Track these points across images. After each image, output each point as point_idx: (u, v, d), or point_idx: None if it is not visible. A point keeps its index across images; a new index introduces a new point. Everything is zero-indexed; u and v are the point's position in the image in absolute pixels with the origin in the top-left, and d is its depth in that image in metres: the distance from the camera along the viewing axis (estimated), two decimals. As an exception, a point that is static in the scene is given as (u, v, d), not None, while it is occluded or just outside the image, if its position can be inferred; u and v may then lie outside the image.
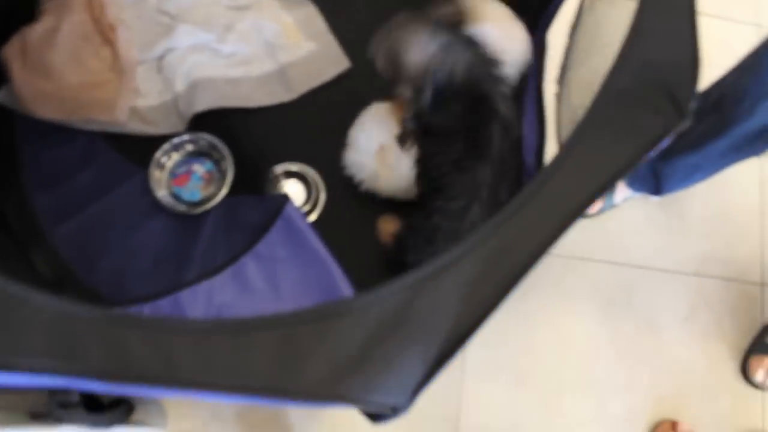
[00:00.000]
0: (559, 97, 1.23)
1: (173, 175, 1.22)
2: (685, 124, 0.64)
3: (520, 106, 1.30)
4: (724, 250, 1.47)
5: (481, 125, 1.08)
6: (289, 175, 1.25)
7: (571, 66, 1.17)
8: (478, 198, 1.04)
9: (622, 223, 1.44)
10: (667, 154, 1.27)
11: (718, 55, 1.06)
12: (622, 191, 1.42)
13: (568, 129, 1.12)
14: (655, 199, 1.45)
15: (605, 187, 0.58)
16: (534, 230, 0.56)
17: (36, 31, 1.31)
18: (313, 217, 1.23)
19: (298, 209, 1.19)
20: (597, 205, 1.40)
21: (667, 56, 0.68)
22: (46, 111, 1.25)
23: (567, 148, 0.59)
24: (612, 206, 1.43)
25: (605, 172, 0.59)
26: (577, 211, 0.57)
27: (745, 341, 1.41)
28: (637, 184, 1.39)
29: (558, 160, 0.59)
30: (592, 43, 1.08)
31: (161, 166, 1.21)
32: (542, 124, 1.25)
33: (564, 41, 1.22)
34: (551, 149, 1.22)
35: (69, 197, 1.20)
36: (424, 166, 1.14)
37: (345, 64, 1.36)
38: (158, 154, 1.20)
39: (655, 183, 1.35)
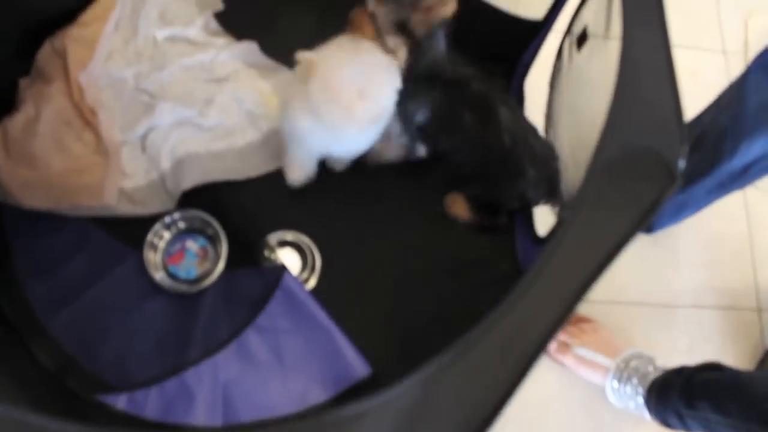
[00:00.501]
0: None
1: (167, 254, 1.24)
2: (677, 187, 0.66)
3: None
4: (718, 280, 1.50)
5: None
6: (284, 244, 1.26)
7: (557, 117, 1.20)
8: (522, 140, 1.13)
9: (616, 262, 1.46)
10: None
11: (689, 84, 1.09)
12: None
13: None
14: (646, 236, 1.48)
15: (608, 262, 0.60)
16: (542, 312, 0.58)
17: (17, 121, 1.34)
18: (311, 284, 1.25)
19: (295, 278, 1.21)
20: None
21: (652, 119, 0.72)
22: (34, 201, 1.27)
23: (564, 228, 0.61)
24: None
25: (606, 247, 0.61)
26: (584, 288, 0.59)
27: (750, 368, 1.43)
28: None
29: (556, 241, 0.61)
30: (577, 93, 1.12)
31: (154, 247, 1.23)
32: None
33: (544, 90, 1.25)
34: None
35: (64, 285, 1.21)
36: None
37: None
38: (150, 235, 1.22)
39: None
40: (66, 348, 1.17)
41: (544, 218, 1.27)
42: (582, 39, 1.07)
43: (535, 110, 1.31)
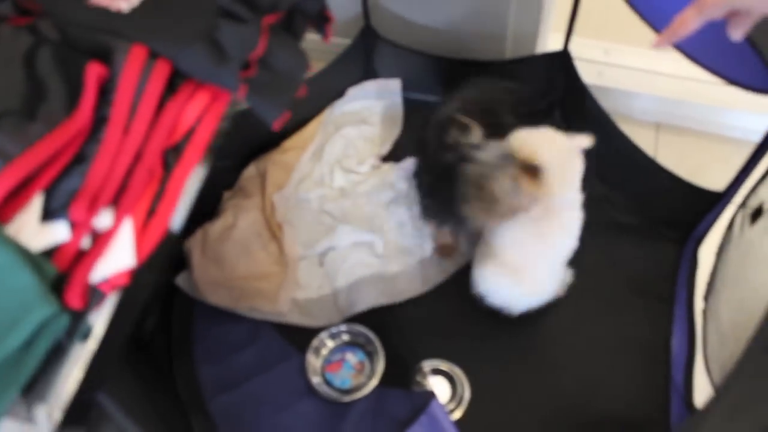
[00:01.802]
0: (706, 314, 1.29)
1: (327, 361, 1.38)
2: None
3: (670, 320, 1.36)
4: None
5: None
6: (436, 372, 1.34)
7: (720, 287, 1.24)
8: None
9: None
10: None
11: None
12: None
13: (715, 351, 1.17)
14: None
15: None
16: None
17: (216, 226, 1.57)
18: (457, 415, 1.31)
19: (442, 406, 1.28)
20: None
21: None
22: (216, 298, 1.47)
23: (717, 396, 0.65)
24: None
25: (761, 420, 0.65)
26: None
27: None
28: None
29: (709, 407, 0.65)
30: (742, 267, 1.15)
31: (317, 353, 1.37)
32: (692, 340, 1.29)
33: (712, 259, 1.29)
34: (699, 367, 1.26)
35: (231, 371, 1.39)
36: None
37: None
38: (315, 341, 1.37)
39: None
40: (221, 428, 1.32)
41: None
42: (757, 214, 1.13)
43: (704, 279, 1.34)
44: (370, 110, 1.79)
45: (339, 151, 1.71)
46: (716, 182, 1.31)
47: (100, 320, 0.62)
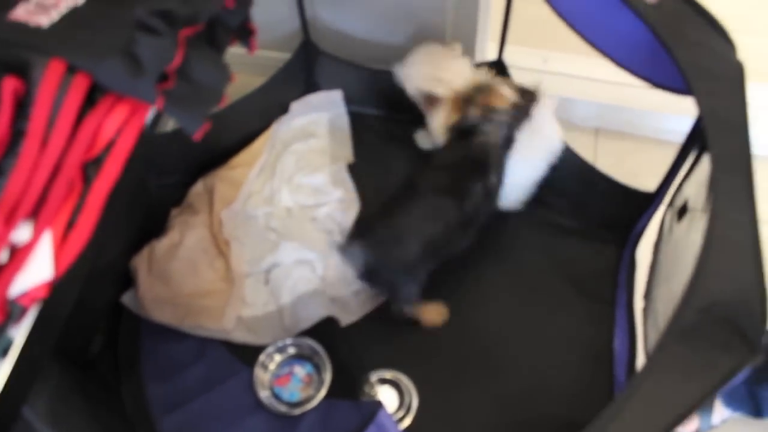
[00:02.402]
0: (646, 312, 1.32)
1: (275, 375, 1.38)
2: (758, 360, 0.71)
3: (612, 321, 1.40)
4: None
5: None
6: (383, 381, 1.36)
7: (656, 284, 1.28)
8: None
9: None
10: (763, 379, 1.31)
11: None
12: (720, 412, 1.45)
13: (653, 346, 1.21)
14: (755, 421, 1.45)
15: (674, 425, 0.66)
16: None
17: (163, 244, 1.58)
18: (405, 423, 1.33)
19: (390, 416, 1.29)
20: (693, 425, 1.42)
21: (734, 293, 0.77)
22: (161, 315, 1.48)
23: (633, 385, 0.69)
24: (710, 427, 1.45)
25: (673, 411, 0.68)
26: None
27: None
28: (734, 404, 1.43)
29: (624, 397, 0.69)
30: (672, 263, 1.19)
31: (265, 367, 1.38)
32: (633, 340, 1.33)
33: (649, 258, 1.33)
34: (641, 364, 1.29)
35: (179, 389, 1.38)
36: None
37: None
38: (262, 356, 1.39)
39: (753, 405, 1.38)
40: (171, 448, 1.30)
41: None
42: (682, 212, 1.18)
43: (643, 278, 1.38)
44: (316, 123, 1.81)
45: (291, 167, 1.72)
46: (654, 184, 1.36)
47: (19, 334, 0.62)
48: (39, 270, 0.62)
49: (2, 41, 0.68)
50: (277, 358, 1.41)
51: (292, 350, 1.42)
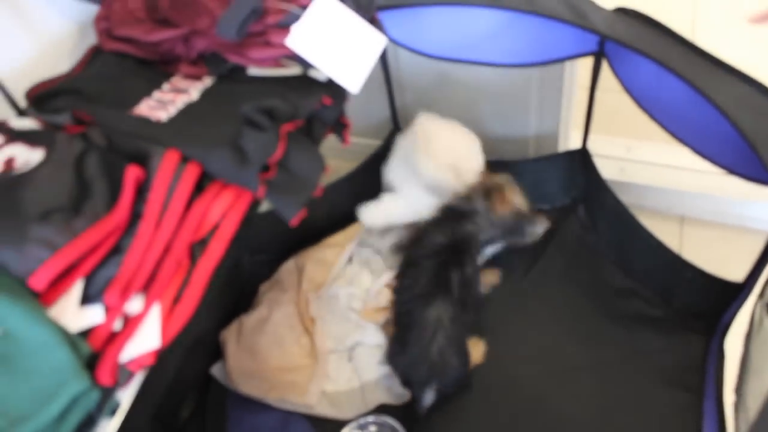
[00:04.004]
0: (737, 407, 1.28)
1: (355, 451, 1.38)
2: None
3: (699, 413, 1.36)
4: None
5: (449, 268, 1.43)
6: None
7: (746, 378, 1.24)
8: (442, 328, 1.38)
9: None
10: None
11: None
12: None
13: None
14: None
15: None
16: None
17: (252, 318, 1.64)
18: None
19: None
20: None
21: None
22: (248, 388, 1.53)
23: None
24: None
25: None
26: None
27: None
28: None
29: None
30: (764, 358, 1.16)
31: (345, 443, 1.38)
32: (722, 434, 1.29)
33: (740, 350, 1.30)
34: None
35: None
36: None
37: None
38: (345, 430, 1.37)
39: None
40: None
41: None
42: (773, 305, 1.15)
43: (733, 371, 1.35)
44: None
45: (367, 255, 1.79)
46: (741, 274, 1.34)
47: (126, 396, 0.68)
48: (148, 339, 0.69)
49: (128, 134, 0.78)
50: (358, 435, 1.44)
51: (372, 428, 1.44)
